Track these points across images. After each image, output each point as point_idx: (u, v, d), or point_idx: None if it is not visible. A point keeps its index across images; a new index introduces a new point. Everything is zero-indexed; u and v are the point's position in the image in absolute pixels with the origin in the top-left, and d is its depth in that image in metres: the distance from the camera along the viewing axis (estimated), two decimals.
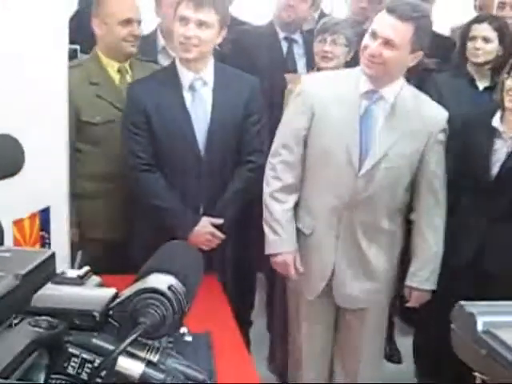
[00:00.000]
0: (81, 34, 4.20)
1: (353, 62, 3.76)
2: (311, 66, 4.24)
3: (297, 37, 4.57)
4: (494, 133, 3.42)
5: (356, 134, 3.12)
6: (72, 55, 3.59)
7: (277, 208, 3.30)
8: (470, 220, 3.48)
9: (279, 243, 3.33)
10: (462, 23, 6.12)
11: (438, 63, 4.34)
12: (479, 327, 1.19)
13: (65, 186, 3.24)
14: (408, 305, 3.42)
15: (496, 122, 3.41)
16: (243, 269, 3.71)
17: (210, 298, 3.01)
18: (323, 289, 3.35)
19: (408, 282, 3.34)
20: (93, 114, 3.61)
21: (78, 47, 4.02)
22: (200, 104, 3.44)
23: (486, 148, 3.42)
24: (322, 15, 5.30)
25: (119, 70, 3.72)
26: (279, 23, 4.58)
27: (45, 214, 3.08)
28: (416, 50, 3.05)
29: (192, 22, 3.30)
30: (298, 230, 3.34)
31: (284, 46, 4.57)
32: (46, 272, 1.02)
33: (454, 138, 3.41)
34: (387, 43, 2.98)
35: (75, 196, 3.54)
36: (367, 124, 3.14)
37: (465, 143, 3.50)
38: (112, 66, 3.71)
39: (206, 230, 3.47)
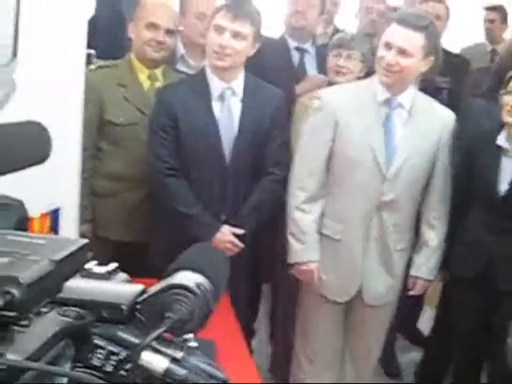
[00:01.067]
0: (97, 39, 4.23)
1: (364, 78, 3.80)
2: None
3: (308, 47, 4.58)
4: (500, 151, 3.45)
5: (381, 139, 3.31)
6: (87, 60, 3.62)
7: (303, 218, 3.42)
8: (479, 235, 3.52)
9: (305, 252, 3.46)
10: (473, 43, 6.23)
11: (450, 82, 4.36)
12: None
13: (77, 187, 3.24)
14: (411, 293, 3.60)
15: (501, 140, 3.44)
16: (251, 279, 3.71)
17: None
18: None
19: (415, 272, 3.53)
20: (117, 115, 3.63)
21: (93, 52, 4.05)
22: (228, 113, 3.48)
23: (492, 167, 3.46)
24: (336, 31, 5.33)
25: (149, 77, 3.75)
26: (289, 31, 4.61)
27: (55, 214, 3.09)
28: (427, 55, 3.28)
29: (228, 31, 3.34)
30: (327, 237, 3.45)
31: (295, 56, 4.58)
32: (78, 260, 1.03)
33: (461, 157, 3.48)
34: (402, 52, 3.21)
35: (92, 193, 3.62)
36: (389, 129, 3.34)
37: (472, 162, 3.54)
38: (143, 72, 3.75)
39: (226, 238, 3.48)
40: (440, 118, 3.42)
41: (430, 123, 3.37)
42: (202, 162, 3.46)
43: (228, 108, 3.47)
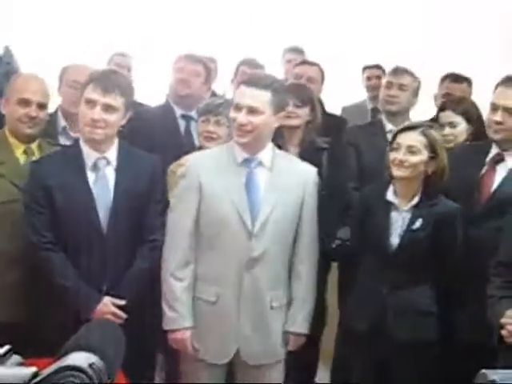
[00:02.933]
0: None
1: None
2: None
3: (194, 114, 4.62)
4: (389, 206, 3.55)
5: (244, 198, 3.37)
6: None
7: (177, 286, 3.39)
8: (371, 288, 3.57)
9: (178, 320, 3.42)
10: (353, 103, 6.42)
11: (329, 142, 4.46)
12: None
13: None
14: (288, 349, 3.56)
15: (390, 195, 3.56)
16: (142, 348, 3.65)
17: None
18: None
19: (287, 327, 3.52)
20: None
21: None
22: (103, 183, 3.45)
23: (383, 221, 3.55)
24: (214, 96, 5.40)
25: (25, 151, 3.69)
26: (174, 99, 4.67)
27: None
28: (278, 111, 3.37)
29: (99, 105, 3.33)
30: (202, 300, 3.42)
31: (181, 123, 4.64)
32: None
33: (354, 212, 3.58)
34: (252, 111, 3.30)
35: None
36: (252, 187, 3.40)
37: (363, 216, 3.63)
38: (18, 147, 3.68)
39: (108, 309, 3.41)
40: (301, 172, 3.51)
41: (291, 178, 3.45)
42: (80, 234, 3.41)
43: (103, 178, 3.46)
